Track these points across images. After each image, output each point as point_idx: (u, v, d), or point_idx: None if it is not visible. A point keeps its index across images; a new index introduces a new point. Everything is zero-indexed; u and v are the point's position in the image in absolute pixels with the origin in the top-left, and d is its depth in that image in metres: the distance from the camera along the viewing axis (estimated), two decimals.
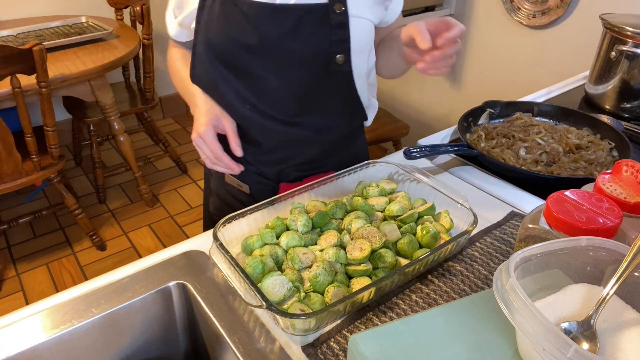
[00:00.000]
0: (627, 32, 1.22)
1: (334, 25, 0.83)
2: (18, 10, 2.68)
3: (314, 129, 0.93)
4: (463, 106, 1.29)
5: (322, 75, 0.87)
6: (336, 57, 0.85)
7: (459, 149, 1.01)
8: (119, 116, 2.29)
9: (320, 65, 0.86)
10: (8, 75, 1.66)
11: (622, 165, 0.63)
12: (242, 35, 0.83)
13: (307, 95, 0.89)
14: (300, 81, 0.87)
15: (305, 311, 0.63)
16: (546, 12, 2.03)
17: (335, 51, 0.84)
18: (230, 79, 0.89)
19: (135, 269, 0.76)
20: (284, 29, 0.82)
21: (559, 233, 0.56)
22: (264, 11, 0.81)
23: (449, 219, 0.79)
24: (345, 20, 0.83)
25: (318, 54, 0.85)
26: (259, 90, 0.89)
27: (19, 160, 1.84)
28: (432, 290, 0.70)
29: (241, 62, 0.86)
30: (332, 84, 0.89)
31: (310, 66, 0.86)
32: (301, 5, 0.81)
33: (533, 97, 1.39)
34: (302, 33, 0.83)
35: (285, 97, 0.89)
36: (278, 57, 0.85)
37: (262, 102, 0.89)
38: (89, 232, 2.27)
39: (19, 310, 0.69)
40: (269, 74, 0.86)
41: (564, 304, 0.50)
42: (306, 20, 0.82)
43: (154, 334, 0.75)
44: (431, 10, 2.36)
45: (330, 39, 0.83)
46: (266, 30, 0.82)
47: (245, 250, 0.76)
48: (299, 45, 0.83)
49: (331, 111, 0.93)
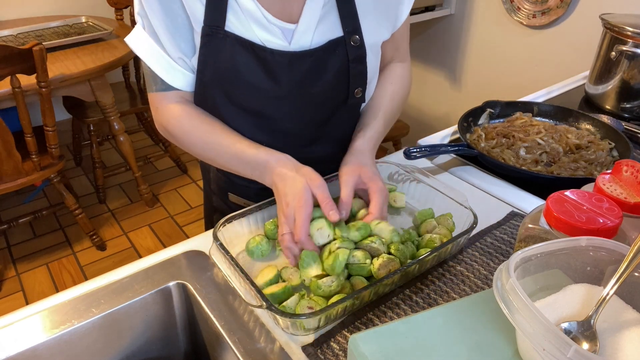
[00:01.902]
0: (627, 32, 1.22)
1: (352, 60, 0.79)
2: (18, 10, 2.68)
3: (324, 152, 0.91)
4: (463, 106, 1.29)
5: (338, 109, 0.84)
6: (355, 91, 0.82)
7: (459, 149, 1.01)
8: (119, 116, 2.29)
9: (338, 101, 0.83)
10: (8, 75, 1.67)
11: (622, 165, 0.63)
12: (258, 80, 0.76)
13: (320, 129, 0.87)
14: (315, 119, 0.84)
15: (314, 308, 0.63)
16: (546, 12, 2.03)
17: (355, 86, 0.81)
18: (240, 118, 0.82)
19: (135, 269, 0.76)
20: (304, 74, 0.77)
21: (559, 233, 0.56)
22: (282, 58, 0.75)
23: (451, 221, 0.79)
24: (362, 53, 0.79)
25: (338, 92, 0.81)
26: (272, 130, 0.84)
27: (19, 160, 1.84)
28: (432, 291, 0.70)
29: (253, 104, 0.80)
30: (345, 114, 0.87)
31: (329, 104, 0.83)
32: (320, 46, 0.76)
33: (533, 97, 1.39)
34: (321, 75, 0.78)
35: (297, 134, 0.86)
36: (295, 101, 0.80)
37: (274, 139, 0.84)
38: (89, 232, 2.27)
39: (19, 310, 0.69)
40: (283, 115, 0.82)
41: (564, 304, 0.50)
42: (325, 61, 0.77)
43: (154, 334, 0.75)
44: (431, 10, 2.36)
45: (349, 74, 0.79)
46: (284, 77, 0.77)
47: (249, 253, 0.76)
48: (318, 87, 0.79)
49: (343, 135, 0.90)
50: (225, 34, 0.74)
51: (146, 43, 0.77)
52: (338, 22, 0.77)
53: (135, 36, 0.78)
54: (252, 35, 0.74)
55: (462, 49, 2.46)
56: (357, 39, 0.78)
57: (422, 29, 2.57)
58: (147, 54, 0.77)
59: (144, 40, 0.77)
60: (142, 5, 0.74)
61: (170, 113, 0.81)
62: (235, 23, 0.74)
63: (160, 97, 0.81)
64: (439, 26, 2.51)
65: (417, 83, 2.76)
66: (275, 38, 0.75)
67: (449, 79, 2.59)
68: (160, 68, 0.77)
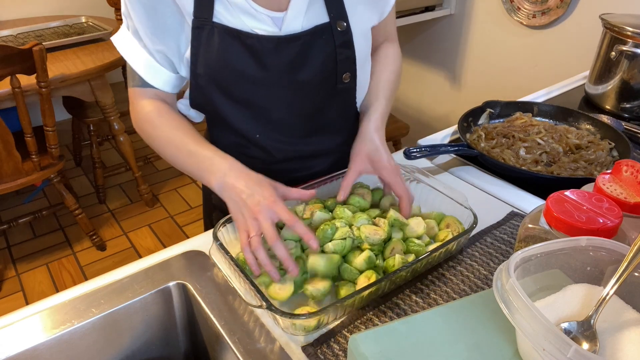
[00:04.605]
0: (627, 32, 1.22)
1: (339, 45, 0.80)
2: (18, 10, 2.68)
3: (321, 146, 0.92)
4: (463, 106, 1.29)
5: (328, 96, 0.85)
6: (343, 76, 0.82)
7: (459, 149, 1.01)
8: (118, 116, 2.29)
9: (327, 87, 0.84)
10: (8, 75, 1.66)
11: (622, 165, 0.63)
12: (246, 68, 0.78)
13: (313, 118, 0.87)
14: (307, 107, 0.85)
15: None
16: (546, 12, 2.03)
17: (342, 70, 0.82)
18: (235, 110, 0.83)
19: (135, 269, 0.76)
20: (291, 59, 0.78)
21: (559, 233, 0.56)
22: (269, 44, 0.76)
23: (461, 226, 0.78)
24: (349, 38, 0.80)
25: (325, 77, 0.82)
26: (265, 121, 0.85)
27: (19, 160, 1.84)
28: (432, 291, 0.70)
29: (245, 94, 0.81)
30: (337, 102, 0.87)
31: (318, 90, 0.83)
32: (306, 31, 0.77)
33: (533, 97, 1.39)
34: (308, 59, 0.79)
35: (291, 124, 0.87)
36: (285, 88, 0.81)
37: (269, 130, 0.86)
38: (89, 232, 2.27)
39: (19, 310, 0.69)
40: (274, 104, 0.83)
41: (564, 304, 0.50)
42: (312, 46, 0.78)
43: (154, 334, 0.75)
44: (431, 10, 2.36)
45: (336, 59, 0.81)
46: (272, 62, 0.78)
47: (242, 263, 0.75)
48: (306, 73, 0.80)
49: (338, 126, 0.92)
50: (214, 25, 0.75)
51: (128, 41, 0.80)
52: (324, 8, 0.78)
53: (120, 35, 0.81)
54: (241, 24, 0.76)
55: (462, 49, 2.45)
56: (344, 24, 0.79)
57: (422, 29, 2.57)
58: (127, 52, 0.80)
59: (127, 39, 0.80)
60: (126, 5, 0.76)
61: (143, 108, 0.82)
62: (224, 13, 0.75)
63: (137, 92, 0.83)
64: (439, 26, 2.51)
65: (417, 83, 2.75)
66: (265, 25, 0.76)
67: (449, 79, 2.59)
68: (139, 65, 0.80)
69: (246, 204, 0.68)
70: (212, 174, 0.73)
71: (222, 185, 0.72)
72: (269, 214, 0.67)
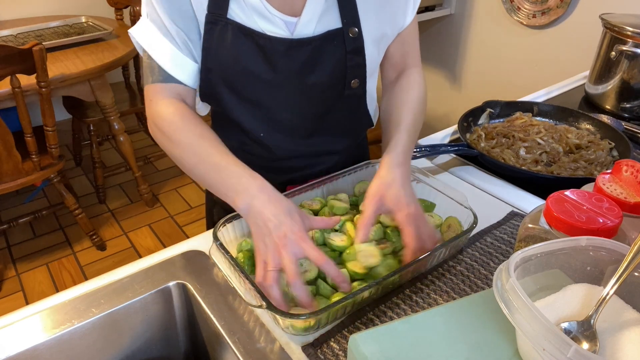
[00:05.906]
0: (627, 32, 1.22)
1: (350, 51, 0.79)
2: (18, 10, 2.68)
3: (323, 146, 0.92)
4: (463, 106, 1.29)
5: (335, 100, 0.85)
6: (351, 82, 0.82)
7: (459, 149, 1.01)
8: (119, 116, 2.29)
9: (335, 92, 0.83)
10: (8, 75, 1.66)
11: (622, 165, 0.63)
12: (256, 67, 0.77)
13: (319, 120, 0.87)
14: (313, 109, 0.85)
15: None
16: (546, 12, 2.03)
17: (351, 76, 0.81)
18: (242, 108, 0.83)
19: (135, 269, 0.76)
20: (301, 63, 0.78)
21: (559, 233, 0.56)
22: (281, 46, 0.76)
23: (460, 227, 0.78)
24: (360, 45, 0.79)
25: (334, 82, 0.81)
26: (270, 121, 0.85)
27: (19, 160, 1.84)
28: (432, 290, 0.70)
29: (253, 93, 0.81)
30: (344, 107, 0.87)
31: (325, 94, 0.83)
32: (318, 36, 0.77)
33: (533, 97, 1.39)
34: (319, 64, 0.79)
35: (296, 125, 0.86)
36: (293, 90, 0.81)
37: (273, 130, 0.86)
38: (89, 232, 2.27)
39: (19, 310, 0.69)
40: (281, 105, 0.83)
41: (564, 304, 0.50)
42: (322, 50, 0.78)
43: (154, 334, 0.75)
44: (431, 10, 2.36)
45: (346, 65, 0.80)
46: (282, 64, 0.77)
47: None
48: (315, 77, 0.80)
49: (343, 129, 0.91)
50: (227, 22, 0.75)
51: (149, 32, 0.76)
52: (338, 13, 0.78)
53: (140, 27, 0.77)
54: (254, 24, 0.76)
55: (462, 49, 2.46)
56: (356, 31, 0.79)
57: (422, 29, 2.57)
58: (149, 44, 0.76)
59: (148, 30, 0.76)
60: None
61: (163, 107, 0.76)
62: (238, 12, 0.75)
63: (158, 88, 0.77)
64: (439, 26, 2.51)
65: None
66: (277, 28, 0.76)
67: (449, 79, 2.59)
68: (163, 56, 0.76)
69: (271, 234, 0.64)
70: (237, 194, 0.68)
71: (249, 209, 0.67)
72: (293, 250, 0.62)
